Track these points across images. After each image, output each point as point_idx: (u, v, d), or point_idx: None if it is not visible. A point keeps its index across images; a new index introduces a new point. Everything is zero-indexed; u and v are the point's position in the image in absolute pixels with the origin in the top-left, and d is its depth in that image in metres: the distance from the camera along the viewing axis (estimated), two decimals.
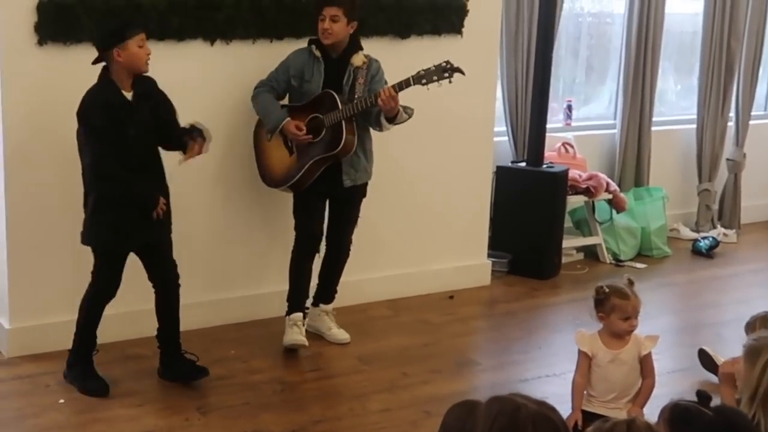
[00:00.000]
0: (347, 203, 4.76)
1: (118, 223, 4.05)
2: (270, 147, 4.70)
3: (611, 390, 3.77)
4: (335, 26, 4.51)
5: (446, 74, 4.50)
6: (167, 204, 4.19)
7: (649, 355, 3.76)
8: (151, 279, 4.27)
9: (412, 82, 4.47)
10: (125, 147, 3.99)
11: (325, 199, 4.73)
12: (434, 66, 4.51)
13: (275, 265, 5.03)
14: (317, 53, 4.59)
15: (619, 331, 3.73)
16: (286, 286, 4.75)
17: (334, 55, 4.60)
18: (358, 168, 4.67)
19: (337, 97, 4.53)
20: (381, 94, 4.42)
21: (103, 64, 4.02)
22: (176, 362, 4.32)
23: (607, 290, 3.71)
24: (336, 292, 4.95)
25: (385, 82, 4.63)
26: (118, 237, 4.09)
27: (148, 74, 4.10)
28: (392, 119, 4.54)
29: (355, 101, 4.51)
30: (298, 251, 4.75)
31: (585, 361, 3.79)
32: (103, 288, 4.18)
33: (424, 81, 4.49)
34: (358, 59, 4.59)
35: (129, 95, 4.04)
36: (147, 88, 4.11)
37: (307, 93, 4.60)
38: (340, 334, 4.90)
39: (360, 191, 4.76)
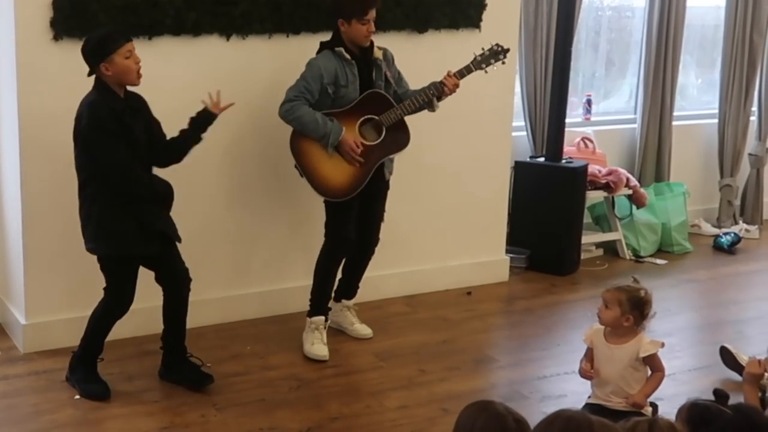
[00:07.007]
0: (380, 199, 4.72)
1: (136, 224, 3.97)
2: (325, 159, 4.49)
3: (606, 384, 3.75)
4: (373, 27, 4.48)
5: (500, 56, 4.62)
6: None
7: (653, 355, 3.70)
8: (163, 282, 4.18)
9: (473, 68, 4.57)
10: (136, 148, 3.94)
11: (359, 199, 4.63)
12: (487, 50, 4.60)
13: (292, 262, 5.02)
14: (347, 56, 4.46)
15: None
16: (303, 283, 4.71)
17: (358, 54, 4.51)
18: (392, 159, 4.67)
19: (388, 95, 4.51)
20: (448, 84, 4.49)
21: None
22: (180, 366, 4.28)
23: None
24: (359, 287, 4.92)
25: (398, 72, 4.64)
26: (139, 240, 3.99)
27: (137, 92, 4.01)
28: (440, 97, 4.59)
29: (415, 97, 4.52)
30: (330, 256, 4.64)
31: (588, 352, 3.84)
32: (118, 302, 4.10)
33: (483, 65, 4.59)
34: (378, 52, 4.55)
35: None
36: (138, 103, 4.04)
37: (345, 98, 4.47)
38: (363, 329, 4.88)
39: (388, 185, 4.74)
